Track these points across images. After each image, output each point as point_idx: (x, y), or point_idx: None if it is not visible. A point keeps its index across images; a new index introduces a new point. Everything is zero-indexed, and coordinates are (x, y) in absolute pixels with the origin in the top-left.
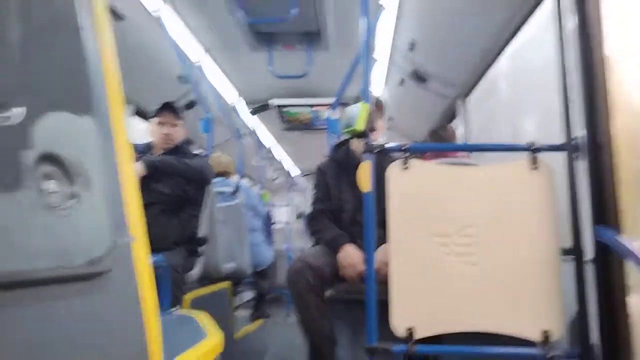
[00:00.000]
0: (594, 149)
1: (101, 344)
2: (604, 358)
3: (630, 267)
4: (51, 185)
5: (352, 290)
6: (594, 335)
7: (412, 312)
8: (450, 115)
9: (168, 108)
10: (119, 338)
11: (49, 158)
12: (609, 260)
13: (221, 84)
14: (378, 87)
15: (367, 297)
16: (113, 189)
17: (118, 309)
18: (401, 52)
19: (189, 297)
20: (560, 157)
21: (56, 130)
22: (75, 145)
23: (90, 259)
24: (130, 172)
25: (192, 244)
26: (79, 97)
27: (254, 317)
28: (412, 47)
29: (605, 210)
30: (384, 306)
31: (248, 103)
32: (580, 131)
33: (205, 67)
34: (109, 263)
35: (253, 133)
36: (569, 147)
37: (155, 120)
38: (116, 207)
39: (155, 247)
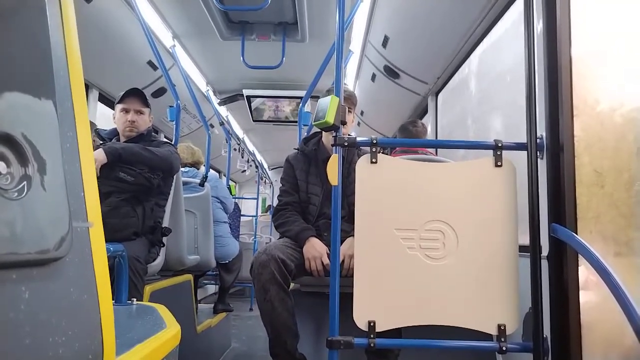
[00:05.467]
0: (555, 149)
1: (53, 333)
2: (554, 351)
3: (583, 264)
4: (1, 167)
5: (316, 284)
6: (547, 329)
7: (374, 306)
8: (421, 111)
9: (134, 94)
10: (73, 326)
11: (2, 139)
12: (564, 258)
13: (191, 72)
14: (350, 80)
15: (331, 290)
16: (72, 173)
17: (73, 296)
18: (374, 47)
19: (149, 289)
20: (525, 155)
21: (12, 111)
22: (32, 127)
23: (44, 244)
24: (90, 157)
25: (155, 234)
26: (39, 78)
27: (217, 311)
28: (385, 42)
29: (563, 209)
30: (348, 299)
31: (218, 93)
32: (543, 131)
33: (176, 53)
34: (65, 249)
35: (223, 123)
36: (532, 146)
37: (120, 106)
38: (75, 192)
39: (116, 236)
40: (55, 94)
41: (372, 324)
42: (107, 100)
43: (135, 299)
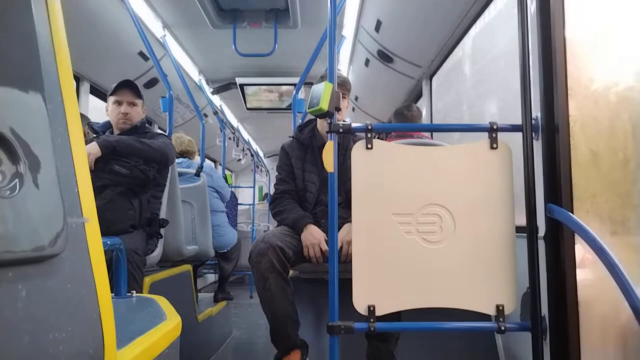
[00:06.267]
0: (551, 130)
1: (53, 330)
2: (552, 329)
3: (579, 243)
4: None
5: (315, 270)
6: (544, 308)
7: (373, 290)
8: (416, 95)
9: (127, 86)
10: (72, 322)
11: None
12: (560, 237)
13: (183, 61)
14: (344, 66)
15: (330, 276)
16: (65, 169)
17: (71, 292)
18: (367, 32)
19: (149, 280)
20: (520, 137)
21: (0, 108)
22: (21, 124)
23: (39, 241)
24: (82, 151)
25: (152, 226)
26: (27, 73)
27: (217, 299)
28: (378, 26)
29: (559, 189)
30: (347, 285)
31: (211, 82)
32: (538, 112)
33: (168, 43)
34: (60, 245)
35: (217, 113)
36: (527, 128)
37: (112, 98)
38: (68, 188)
39: (113, 229)
40: (44, 88)
41: (371, 309)
42: (98, 93)
43: (134, 292)
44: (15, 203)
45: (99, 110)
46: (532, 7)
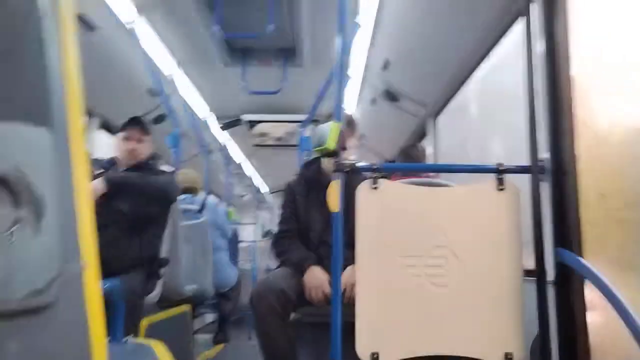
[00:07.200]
0: (558, 172)
1: None
2: None
3: (590, 289)
4: None
5: (317, 313)
6: (555, 357)
7: (377, 336)
8: (421, 134)
9: (135, 123)
10: None
11: None
12: (570, 282)
13: (192, 98)
14: (350, 105)
15: (333, 319)
16: (66, 211)
17: (64, 343)
18: (374, 71)
19: (145, 322)
20: (527, 179)
21: (5, 144)
22: (26, 162)
23: (33, 290)
24: (87, 190)
25: (152, 266)
26: (35, 108)
27: (216, 341)
28: (385, 66)
29: (568, 232)
30: (350, 329)
31: (219, 118)
32: (545, 153)
33: (177, 80)
34: (55, 293)
35: (222, 148)
36: (535, 169)
37: (121, 135)
38: (68, 231)
39: (112, 269)
40: (53, 126)
41: (375, 356)
42: (108, 127)
43: (132, 335)
44: (9, 250)
45: (109, 146)
46: (539, 48)
